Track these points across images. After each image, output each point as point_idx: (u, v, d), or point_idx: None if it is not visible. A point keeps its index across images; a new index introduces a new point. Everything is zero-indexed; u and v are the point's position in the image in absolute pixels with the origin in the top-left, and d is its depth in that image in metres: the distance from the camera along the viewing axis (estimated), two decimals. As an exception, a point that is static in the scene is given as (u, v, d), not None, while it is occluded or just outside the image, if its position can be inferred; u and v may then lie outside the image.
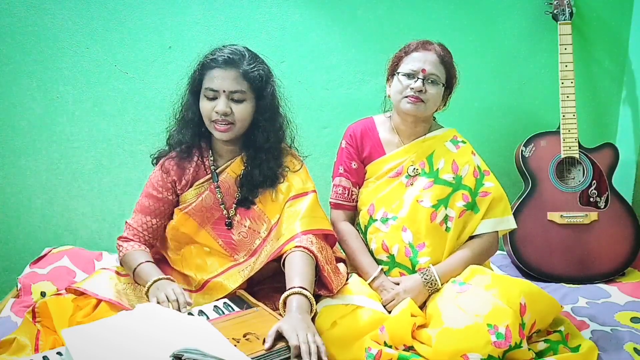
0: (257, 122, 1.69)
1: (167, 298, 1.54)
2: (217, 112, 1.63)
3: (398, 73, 1.79)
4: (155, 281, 1.61)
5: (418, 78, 1.75)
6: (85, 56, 2.31)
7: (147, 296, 1.60)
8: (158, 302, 1.53)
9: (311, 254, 1.58)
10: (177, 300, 1.53)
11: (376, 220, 1.82)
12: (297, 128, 1.80)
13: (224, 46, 1.69)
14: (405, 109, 1.77)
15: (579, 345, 1.61)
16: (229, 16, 2.32)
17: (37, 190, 2.40)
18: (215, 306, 1.59)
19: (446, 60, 1.79)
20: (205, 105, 1.66)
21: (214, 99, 1.65)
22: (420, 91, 1.74)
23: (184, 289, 1.71)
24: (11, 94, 2.32)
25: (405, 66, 1.78)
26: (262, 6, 2.32)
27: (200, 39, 2.29)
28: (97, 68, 2.32)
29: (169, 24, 2.31)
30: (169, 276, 1.64)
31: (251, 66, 1.65)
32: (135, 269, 1.67)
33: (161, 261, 1.82)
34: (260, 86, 1.67)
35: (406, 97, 1.76)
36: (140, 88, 2.35)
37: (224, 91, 1.63)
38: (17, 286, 1.99)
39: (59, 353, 1.36)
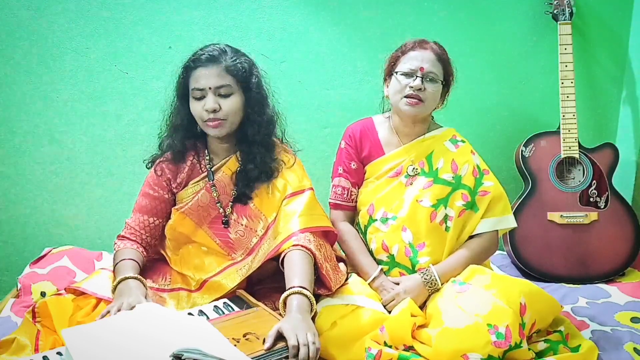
0: (248, 116, 1.70)
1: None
2: (206, 110, 1.64)
3: (396, 72, 1.79)
4: (120, 281, 1.58)
5: (417, 76, 1.75)
6: (85, 56, 2.31)
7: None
8: (109, 311, 1.48)
9: (309, 253, 1.58)
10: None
11: (376, 220, 1.82)
12: (286, 120, 1.81)
13: (204, 46, 1.70)
14: (405, 111, 1.77)
15: (579, 345, 1.61)
16: (229, 16, 2.32)
17: (37, 190, 2.40)
18: (215, 306, 1.59)
19: (443, 58, 1.79)
20: (195, 106, 1.67)
21: (202, 98, 1.65)
22: (420, 89, 1.74)
23: (183, 289, 1.72)
24: (11, 94, 2.32)
25: (403, 65, 1.78)
26: (263, 6, 2.32)
27: (200, 39, 2.28)
28: (97, 68, 2.32)
29: (169, 24, 2.31)
30: (137, 276, 1.60)
31: (233, 59, 1.66)
32: (115, 266, 1.67)
33: (161, 261, 1.82)
34: (244, 78, 1.67)
35: (405, 97, 1.76)
36: (140, 88, 2.35)
37: (209, 88, 1.63)
38: (17, 286, 1.99)
39: (59, 353, 1.36)
